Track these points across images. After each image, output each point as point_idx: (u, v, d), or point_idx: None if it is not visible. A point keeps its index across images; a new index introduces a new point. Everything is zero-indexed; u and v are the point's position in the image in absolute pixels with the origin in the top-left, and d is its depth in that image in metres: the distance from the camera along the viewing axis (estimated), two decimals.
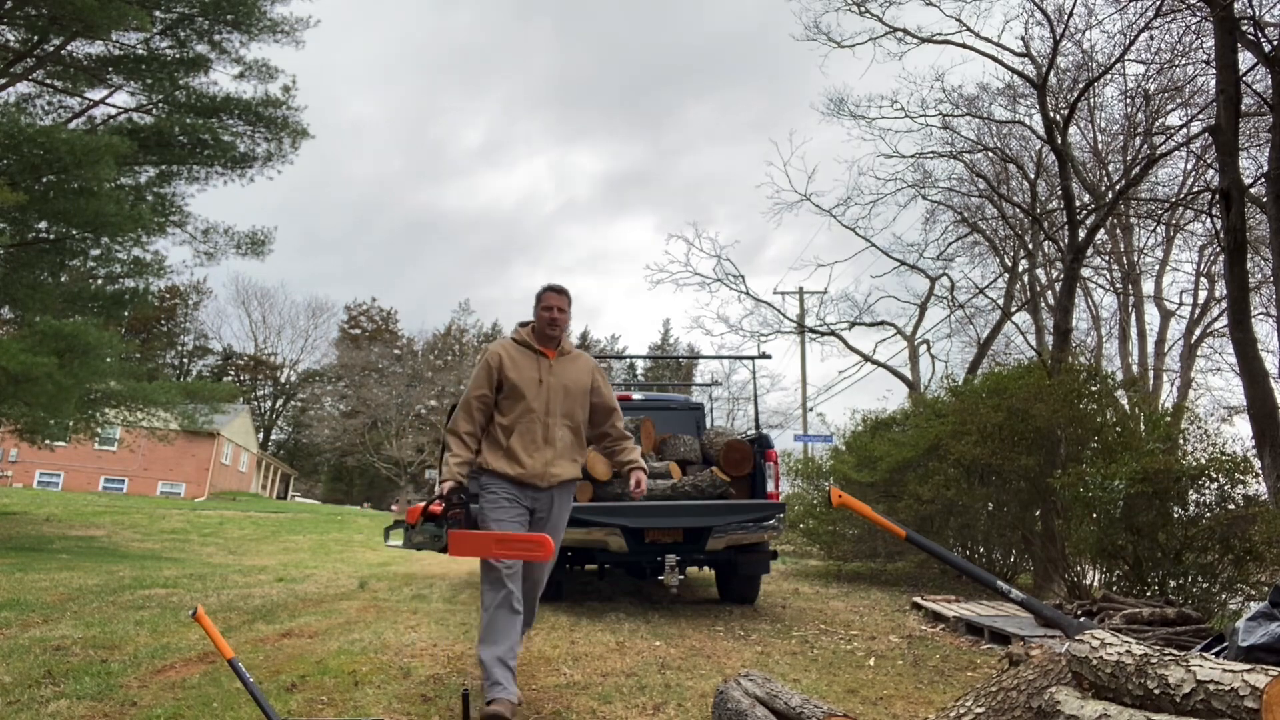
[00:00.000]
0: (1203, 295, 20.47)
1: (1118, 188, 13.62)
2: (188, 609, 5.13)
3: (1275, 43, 7.90)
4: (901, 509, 9.32)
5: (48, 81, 14.03)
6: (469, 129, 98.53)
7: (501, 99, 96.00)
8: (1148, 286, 21.51)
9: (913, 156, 17.35)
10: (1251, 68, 8.66)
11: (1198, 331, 20.93)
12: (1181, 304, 21.42)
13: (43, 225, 12.67)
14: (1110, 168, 17.33)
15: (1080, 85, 13.25)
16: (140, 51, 13.84)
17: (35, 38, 13.00)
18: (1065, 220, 11.74)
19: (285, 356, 59.42)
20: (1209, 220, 12.22)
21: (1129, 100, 14.89)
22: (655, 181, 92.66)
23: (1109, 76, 13.04)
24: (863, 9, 13.26)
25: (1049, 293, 18.73)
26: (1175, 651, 2.22)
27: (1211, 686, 1.98)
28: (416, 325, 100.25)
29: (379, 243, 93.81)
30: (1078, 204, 11.97)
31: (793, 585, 9.04)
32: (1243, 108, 8.37)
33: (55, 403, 11.45)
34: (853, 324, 20.81)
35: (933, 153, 17.28)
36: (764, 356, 11.48)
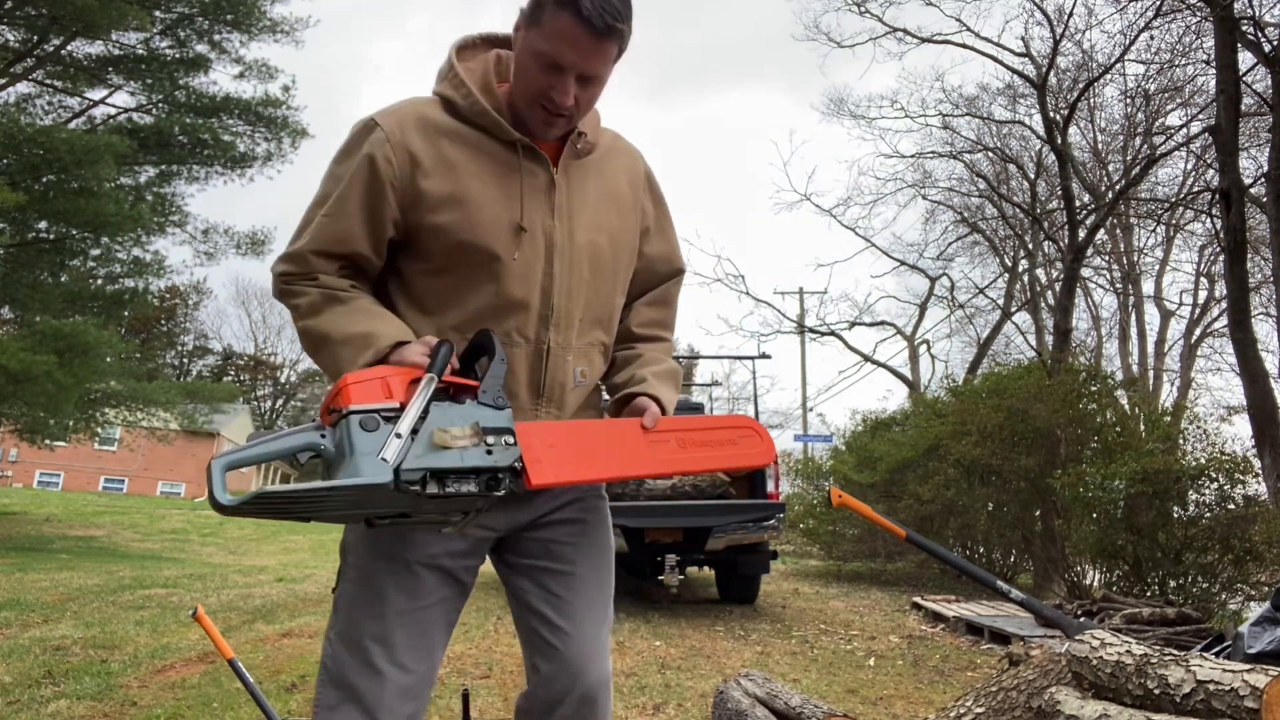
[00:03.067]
0: (1203, 295, 20.51)
1: (1118, 188, 13.63)
2: (188, 609, 5.13)
3: (1275, 43, 7.90)
4: (901, 509, 9.33)
5: (48, 81, 14.05)
6: None
7: None
8: (1148, 286, 21.55)
9: (913, 156, 17.44)
10: (1251, 68, 8.66)
11: (1198, 331, 20.94)
12: (1181, 304, 21.47)
13: (43, 225, 12.68)
14: (1110, 168, 17.34)
15: (1080, 85, 13.27)
16: (140, 51, 13.87)
17: (35, 38, 13.01)
18: (1065, 220, 11.74)
19: (285, 356, 59.36)
20: (1209, 220, 12.22)
21: (1129, 100, 14.91)
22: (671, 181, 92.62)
23: (1109, 76, 13.05)
24: (863, 9, 13.29)
25: (1049, 293, 18.73)
26: (1175, 651, 2.22)
27: (1211, 686, 1.99)
28: None
29: None
30: (1078, 204, 11.97)
31: (793, 585, 9.03)
32: (1243, 108, 8.37)
33: (55, 403, 11.47)
34: (853, 324, 20.84)
35: (933, 153, 17.35)
36: (764, 356, 11.51)
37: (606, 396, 1.49)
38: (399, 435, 1.06)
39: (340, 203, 1.28)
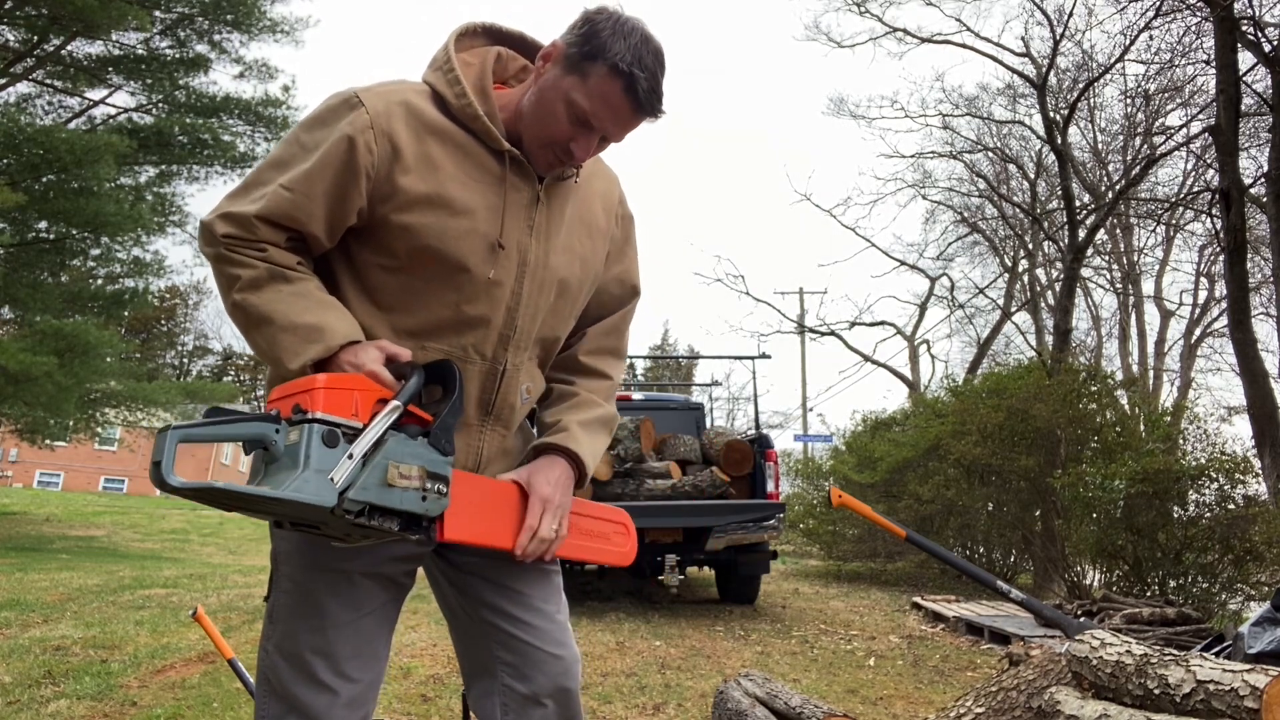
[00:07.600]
0: (1203, 295, 20.54)
1: (1118, 188, 13.63)
2: (188, 609, 5.13)
3: (1275, 43, 7.90)
4: (901, 509, 9.33)
5: (48, 81, 14.06)
6: None
7: None
8: (1148, 286, 21.57)
9: (913, 156, 17.48)
10: (1251, 68, 8.65)
11: (1198, 331, 20.96)
12: (1181, 304, 21.50)
13: (43, 225, 12.70)
14: (1110, 168, 17.36)
15: (1080, 85, 13.28)
16: (140, 51, 13.88)
17: (35, 38, 13.02)
18: (1065, 220, 11.75)
19: None
20: (1209, 220, 12.21)
21: (1129, 100, 14.91)
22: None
23: (1109, 76, 13.06)
24: (863, 9, 13.31)
25: (1049, 293, 18.76)
26: (1175, 651, 2.23)
27: (1211, 686, 1.99)
28: None
29: None
30: (1078, 204, 11.98)
31: (793, 585, 9.04)
32: (1243, 108, 8.37)
33: (55, 403, 11.49)
34: (853, 324, 20.88)
35: (933, 153, 17.40)
36: (764, 357, 11.45)
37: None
38: (351, 457, 1.02)
39: (306, 180, 1.17)
